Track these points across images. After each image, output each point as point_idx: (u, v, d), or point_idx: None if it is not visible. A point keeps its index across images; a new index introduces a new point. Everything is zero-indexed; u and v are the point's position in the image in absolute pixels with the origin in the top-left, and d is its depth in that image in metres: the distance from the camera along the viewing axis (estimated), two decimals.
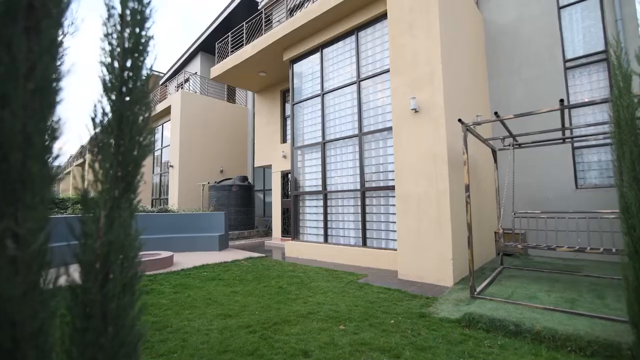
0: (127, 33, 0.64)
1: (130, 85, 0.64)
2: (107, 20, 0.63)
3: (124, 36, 0.64)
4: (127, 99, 0.64)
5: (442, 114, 4.89)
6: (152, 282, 5.09)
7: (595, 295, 3.91)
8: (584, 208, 5.90)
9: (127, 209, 0.63)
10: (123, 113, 0.62)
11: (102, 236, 0.59)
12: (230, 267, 6.15)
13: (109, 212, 0.60)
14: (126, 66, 0.64)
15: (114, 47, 0.63)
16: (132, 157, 0.63)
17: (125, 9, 0.63)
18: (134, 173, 0.64)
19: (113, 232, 0.60)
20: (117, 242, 0.60)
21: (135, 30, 0.64)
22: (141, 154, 0.64)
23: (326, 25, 7.28)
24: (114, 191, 0.61)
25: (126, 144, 0.62)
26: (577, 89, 6.57)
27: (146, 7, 0.65)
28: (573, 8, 6.68)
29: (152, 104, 0.70)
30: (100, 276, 0.58)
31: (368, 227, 6.42)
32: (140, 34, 0.65)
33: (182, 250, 8.05)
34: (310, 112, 7.88)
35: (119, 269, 0.59)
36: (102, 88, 0.63)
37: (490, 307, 3.56)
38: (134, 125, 0.63)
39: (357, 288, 4.61)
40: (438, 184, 4.87)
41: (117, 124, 0.62)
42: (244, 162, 15.11)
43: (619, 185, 2.33)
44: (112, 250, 0.59)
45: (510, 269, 5.54)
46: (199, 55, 17.04)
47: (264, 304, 3.95)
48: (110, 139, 0.62)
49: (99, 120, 0.63)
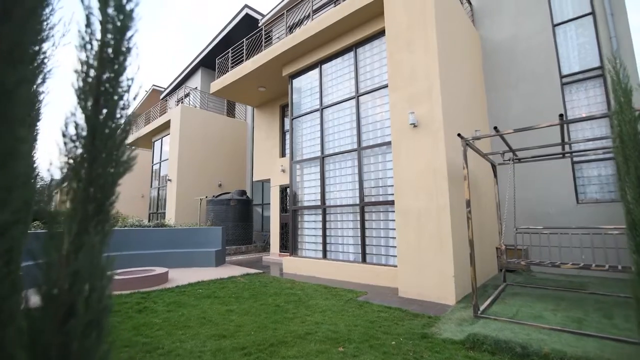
0: (106, 41, 0.59)
1: (108, 97, 0.59)
2: (85, 27, 0.58)
3: (104, 44, 0.59)
4: (105, 111, 0.59)
5: (441, 128, 4.88)
6: (145, 299, 4.94)
7: (603, 314, 3.78)
8: (586, 223, 5.82)
9: (98, 233, 0.56)
10: (97, 126, 0.57)
11: (66, 265, 0.52)
12: (227, 284, 5.99)
13: (74, 238, 0.53)
14: (104, 76, 0.59)
15: (91, 55, 0.58)
16: (107, 175, 0.57)
17: (106, 16, 0.59)
18: (109, 193, 0.58)
19: (79, 260, 0.53)
20: (83, 272, 0.53)
21: (115, 39, 0.60)
22: (118, 171, 0.58)
23: (325, 41, 7.38)
24: (83, 213, 0.55)
25: (100, 161, 0.56)
26: (574, 104, 6.61)
27: (128, 14, 0.60)
28: (567, 26, 6.81)
29: (133, 117, 0.64)
30: (61, 312, 0.51)
31: (367, 243, 6.31)
32: (120, 42, 0.60)
33: (178, 266, 7.89)
34: (309, 127, 7.89)
35: (85, 302, 0.52)
36: (76, 99, 0.58)
37: (495, 327, 3.43)
38: (109, 139, 0.57)
39: (357, 306, 4.47)
40: (438, 199, 4.80)
41: (90, 139, 0.56)
42: (243, 176, 15.07)
43: (625, 202, 2.27)
44: (78, 281, 0.52)
45: (513, 286, 5.40)
46: (199, 70, 17.27)
47: (260, 324, 3.80)
48: (82, 155, 0.56)
49: (71, 134, 0.57)
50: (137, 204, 18.72)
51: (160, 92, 21.26)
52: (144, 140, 16.99)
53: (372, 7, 6.21)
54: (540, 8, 7.06)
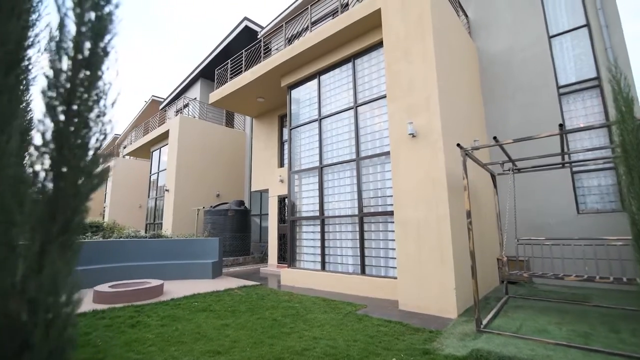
0: (81, 44, 0.55)
1: (81, 103, 0.53)
2: (58, 29, 0.53)
3: (77, 47, 0.54)
4: (75, 121, 0.53)
5: (440, 138, 4.85)
6: (138, 313, 4.80)
7: (609, 328, 3.68)
8: (587, 233, 5.75)
9: (63, 254, 0.50)
10: (67, 135, 0.51)
11: (20, 293, 0.46)
12: (223, 297, 5.86)
13: (32, 260, 0.47)
14: (77, 82, 0.54)
15: (63, 59, 0.53)
16: (74, 190, 0.51)
17: (81, 17, 0.54)
18: (76, 209, 0.52)
19: (39, 286, 0.47)
20: (41, 300, 0.46)
21: (92, 42, 0.55)
22: (88, 185, 0.53)
23: (323, 53, 7.43)
24: (45, 232, 0.49)
25: (67, 174, 0.50)
26: (572, 114, 6.62)
27: (106, 17, 0.56)
28: (563, 37, 6.88)
29: (109, 126, 0.59)
30: (15, 345, 0.44)
31: (367, 254, 6.21)
32: (96, 45, 0.55)
33: (174, 278, 7.74)
34: (307, 137, 7.87)
35: (44, 333, 0.46)
36: (44, 107, 0.53)
37: (499, 342, 3.32)
38: (79, 149, 0.52)
39: (356, 320, 4.35)
40: (438, 210, 4.74)
41: (57, 149, 0.51)
42: (241, 186, 14.99)
43: (630, 212, 2.21)
44: (35, 310, 0.46)
45: (515, 298, 5.29)
46: (199, 81, 17.38)
47: (256, 339, 3.68)
48: (49, 166, 0.51)
49: (38, 144, 0.52)
50: (135, 215, 18.57)
51: (159, 102, 21.35)
52: (143, 151, 16.97)
53: (370, 19, 6.28)
54: (536, 20, 7.15)
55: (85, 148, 0.53)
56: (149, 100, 22.07)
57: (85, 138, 0.54)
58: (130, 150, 17.57)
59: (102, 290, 5.52)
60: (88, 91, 0.54)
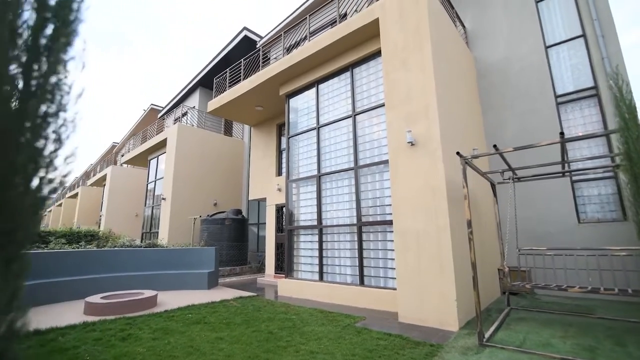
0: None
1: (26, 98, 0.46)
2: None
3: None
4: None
5: (439, 146, 4.81)
6: (130, 325, 4.65)
7: (615, 341, 3.57)
8: (588, 243, 5.67)
9: (2, 277, 0.42)
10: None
11: None
12: (218, 308, 5.71)
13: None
14: (33, 75, 0.47)
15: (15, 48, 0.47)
16: (21, 202, 0.44)
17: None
18: (24, 223, 0.44)
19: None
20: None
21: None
22: (39, 197, 0.45)
23: (321, 62, 7.45)
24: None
25: (12, 185, 0.43)
26: (570, 123, 6.62)
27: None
28: (560, 47, 6.93)
29: (66, 132, 0.52)
30: None
31: (365, 265, 6.09)
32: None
33: (169, 288, 7.57)
34: (305, 145, 7.82)
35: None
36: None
37: (502, 357, 3.21)
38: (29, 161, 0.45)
39: (355, 333, 4.22)
40: (438, 219, 4.66)
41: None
42: (239, 195, 14.88)
43: (636, 222, 2.14)
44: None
45: (518, 310, 5.18)
46: (198, 90, 17.42)
47: (251, 353, 3.55)
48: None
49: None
50: (132, 223, 18.39)
51: (158, 111, 21.38)
52: (140, 159, 16.89)
53: (368, 29, 6.30)
54: (532, 30, 7.21)
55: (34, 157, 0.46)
56: (147, 109, 22.10)
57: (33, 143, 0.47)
58: (127, 159, 17.49)
59: (94, 301, 5.37)
60: (42, 84, 0.47)
